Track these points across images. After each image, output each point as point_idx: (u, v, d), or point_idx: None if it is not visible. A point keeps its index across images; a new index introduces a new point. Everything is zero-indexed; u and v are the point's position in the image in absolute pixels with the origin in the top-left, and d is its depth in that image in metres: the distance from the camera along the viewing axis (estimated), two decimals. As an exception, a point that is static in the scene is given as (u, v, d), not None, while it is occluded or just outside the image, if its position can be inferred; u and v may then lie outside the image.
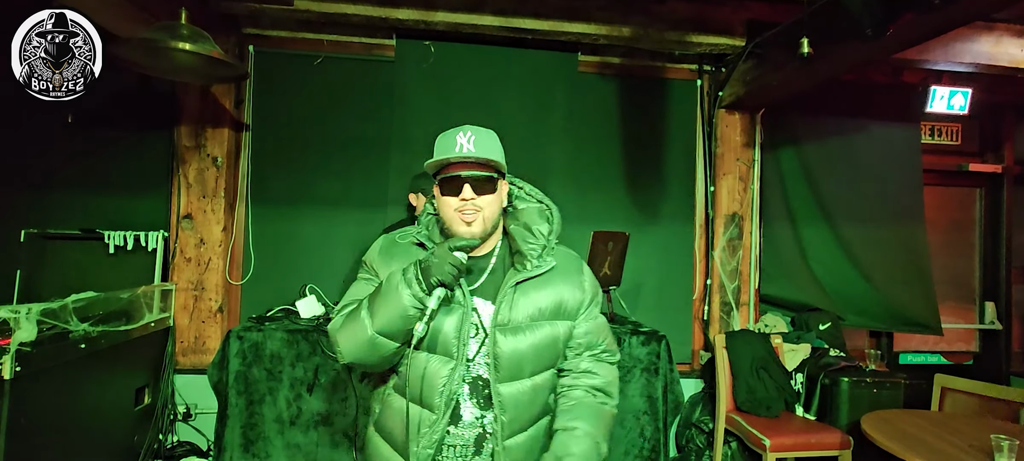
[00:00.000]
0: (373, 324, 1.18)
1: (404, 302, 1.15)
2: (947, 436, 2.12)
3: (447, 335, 1.23)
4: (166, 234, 3.13)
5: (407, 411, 1.24)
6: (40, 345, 2.04)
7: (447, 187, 1.26)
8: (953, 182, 4.21)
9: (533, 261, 1.28)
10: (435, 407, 1.23)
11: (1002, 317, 4.14)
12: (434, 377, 1.23)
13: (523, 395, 1.27)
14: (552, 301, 1.30)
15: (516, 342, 1.25)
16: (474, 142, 1.24)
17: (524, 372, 1.27)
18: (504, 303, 1.26)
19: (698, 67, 3.60)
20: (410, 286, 1.16)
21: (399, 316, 1.16)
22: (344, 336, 1.23)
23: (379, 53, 3.38)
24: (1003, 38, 3.12)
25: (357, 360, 1.23)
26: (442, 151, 1.26)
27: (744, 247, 3.55)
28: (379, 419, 1.34)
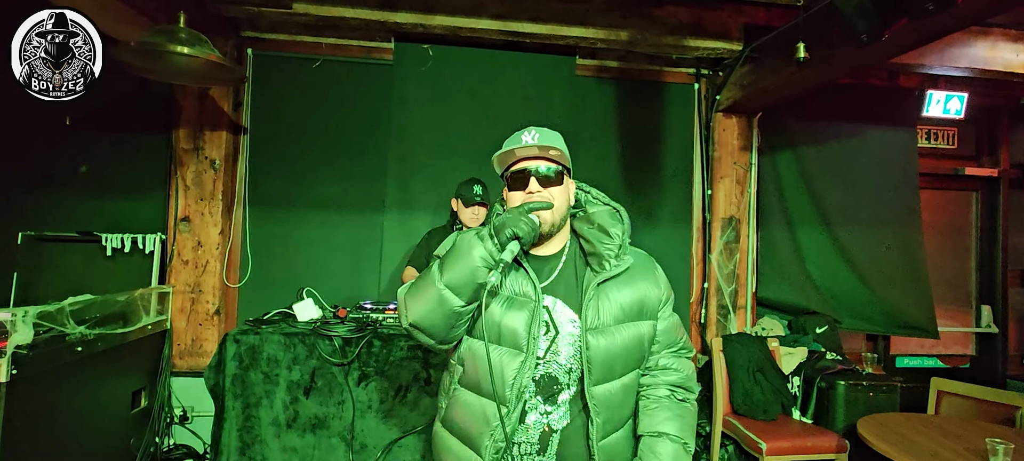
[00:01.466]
0: (442, 278, 1.18)
1: (477, 255, 1.17)
2: (943, 440, 2.13)
3: (516, 329, 1.23)
4: (163, 237, 3.13)
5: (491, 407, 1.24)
6: (36, 348, 2.03)
7: (515, 182, 1.29)
8: (949, 186, 4.22)
9: (611, 261, 1.30)
10: (507, 400, 1.23)
11: (998, 321, 4.15)
12: (504, 369, 1.23)
13: (614, 396, 1.28)
14: (634, 300, 1.31)
15: (608, 343, 1.26)
16: (538, 138, 1.27)
17: (616, 373, 1.28)
18: (590, 305, 1.26)
19: (695, 71, 3.61)
20: (483, 240, 1.18)
21: (469, 269, 1.17)
22: (412, 294, 1.24)
23: (377, 56, 3.38)
24: (999, 43, 3.14)
25: (421, 319, 1.22)
26: (508, 145, 1.29)
27: (741, 250, 3.56)
28: (446, 415, 1.35)
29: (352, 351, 2.45)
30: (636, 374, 1.34)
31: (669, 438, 1.28)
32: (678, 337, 1.40)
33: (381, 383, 2.48)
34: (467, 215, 2.76)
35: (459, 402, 1.30)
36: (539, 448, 1.27)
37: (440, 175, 3.31)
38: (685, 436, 1.30)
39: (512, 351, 1.24)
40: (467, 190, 2.76)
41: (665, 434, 1.28)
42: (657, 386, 1.34)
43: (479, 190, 2.76)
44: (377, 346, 2.48)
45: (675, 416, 1.30)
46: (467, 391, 1.29)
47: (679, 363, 1.38)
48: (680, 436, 1.29)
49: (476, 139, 3.37)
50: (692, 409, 1.36)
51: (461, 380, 1.31)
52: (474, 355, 1.27)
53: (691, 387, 1.38)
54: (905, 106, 3.81)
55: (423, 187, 3.35)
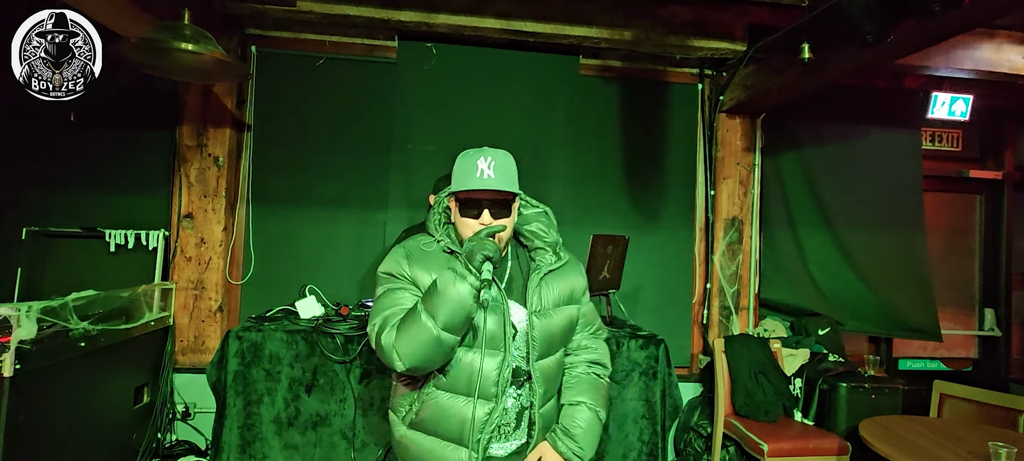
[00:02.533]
0: (437, 323, 1.27)
1: (464, 292, 1.27)
2: (945, 443, 2.12)
3: (494, 332, 1.39)
4: (167, 233, 3.13)
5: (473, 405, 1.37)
6: (40, 343, 2.04)
7: (467, 208, 1.41)
8: (953, 188, 4.21)
9: (550, 256, 1.50)
10: (491, 396, 1.39)
11: (1002, 323, 4.14)
12: (488, 371, 1.38)
13: (551, 369, 1.48)
14: (567, 288, 1.52)
15: (549, 324, 1.45)
16: (494, 169, 1.38)
17: (553, 349, 1.48)
18: (535, 294, 1.45)
19: (699, 71, 3.60)
20: (465, 277, 1.28)
21: (461, 307, 1.28)
22: (405, 343, 1.30)
23: (381, 54, 3.38)
24: (1004, 45, 3.12)
25: (419, 363, 1.31)
26: (463, 174, 1.41)
27: (744, 251, 3.55)
28: (419, 419, 1.43)
29: (354, 349, 2.46)
30: (564, 350, 1.56)
31: (586, 406, 1.51)
32: (595, 320, 1.63)
33: (383, 381, 2.48)
34: None
35: (437, 404, 1.40)
36: (515, 425, 1.46)
37: (443, 173, 3.30)
38: (599, 406, 1.53)
39: (491, 353, 1.39)
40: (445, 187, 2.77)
41: (583, 403, 1.51)
42: (578, 364, 1.57)
43: None
44: (379, 344, 2.48)
45: (591, 388, 1.54)
46: (447, 394, 1.40)
47: (596, 343, 1.61)
48: (595, 405, 1.52)
49: (479, 138, 3.32)
50: (605, 384, 1.59)
51: (437, 385, 1.41)
52: (456, 361, 1.38)
53: (606, 364, 1.61)
54: (909, 108, 3.79)
55: (426, 185, 3.33)
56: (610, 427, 2.62)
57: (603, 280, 2.81)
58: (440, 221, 1.52)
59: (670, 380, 2.71)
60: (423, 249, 1.46)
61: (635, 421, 2.64)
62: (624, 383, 2.64)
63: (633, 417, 2.64)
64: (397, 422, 1.49)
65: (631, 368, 2.65)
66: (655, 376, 2.66)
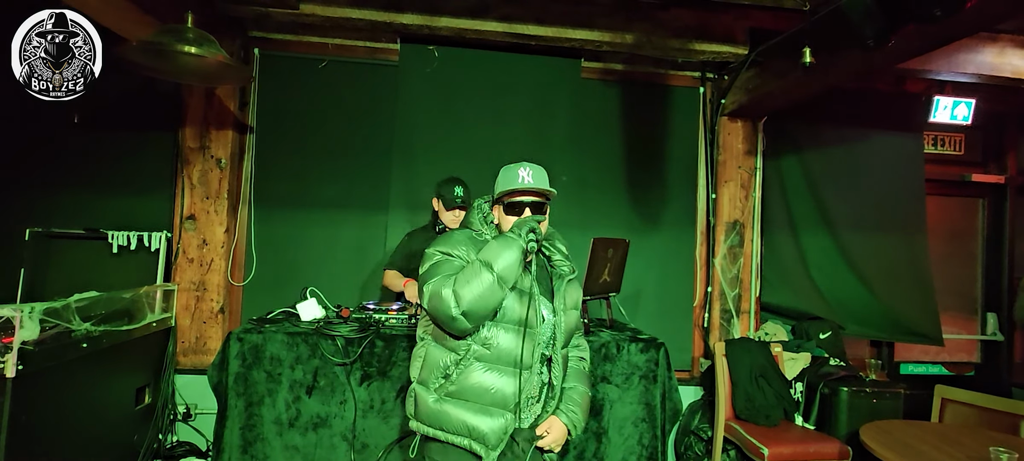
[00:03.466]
0: (495, 269, 1.53)
1: (516, 250, 1.55)
2: (946, 448, 2.12)
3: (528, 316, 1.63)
4: (169, 235, 3.15)
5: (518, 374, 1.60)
6: (43, 344, 2.05)
7: (511, 209, 1.70)
8: (955, 192, 4.20)
9: (566, 266, 1.79)
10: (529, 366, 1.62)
11: (1004, 328, 4.13)
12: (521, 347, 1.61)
13: (564, 357, 1.76)
14: (576, 295, 1.81)
15: (567, 320, 1.74)
16: (532, 176, 1.69)
17: (567, 341, 1.77)
18: (560, 295, 1.74)
19: (701, 74, 3.61)
20: (517, 239, 1.57)
21: (515, 261, 1.54)
22: (463, 287, 1.52)
23: (383, 57, 3.39)
24: (1007, 49, 3.12)
25: (475, 306, 1.52)
26: (507, 181, 1.69)
27: (745, 255, 3.55)
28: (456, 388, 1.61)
29: (355, 351, 2.46)
30: None
31: (578, 388, 1.78)
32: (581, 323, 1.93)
33: (383, 383, 2.48)
34: (448, 217, 2.82)
35: (477, 376, 1.61)
36: (538, 398, 1.70)
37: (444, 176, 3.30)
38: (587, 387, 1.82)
39: (527, 332, 1.63)
40: (448, 192, 2.81)
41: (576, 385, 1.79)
42: (573, 358, 1.85)
43: (460, 192, 2.80)
44: (379, 346, 2.48)
45: (581, 375, 1.83)
46: (489, 365, 1.61)
47: (582, 341, 1.92)
48: (585, 387, 1.81)
49: (480, 141, 3.38)
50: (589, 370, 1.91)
51: (478, 357, 1.61)
52: (498, 338, 1.61)
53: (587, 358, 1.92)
54: (911, 112, 3.79)
55: (427, 188, 3.33)
56: (610, 430, 2.62)
57: (604, 283, 2.81)
58: (483, 219, 1.77)
59: (670, 384, 2.70)
60: (474, 237, 1.71)
61: (635, 424, 2.64)
62: (624, 386, 2.63)
63: (633, 420, 2.64)
64: (427, 394, 1.65)
65: (631, 371, 2.64)
66: (655, 380, 2.65)
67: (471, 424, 1.59)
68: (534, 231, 1.58)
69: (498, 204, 1.73)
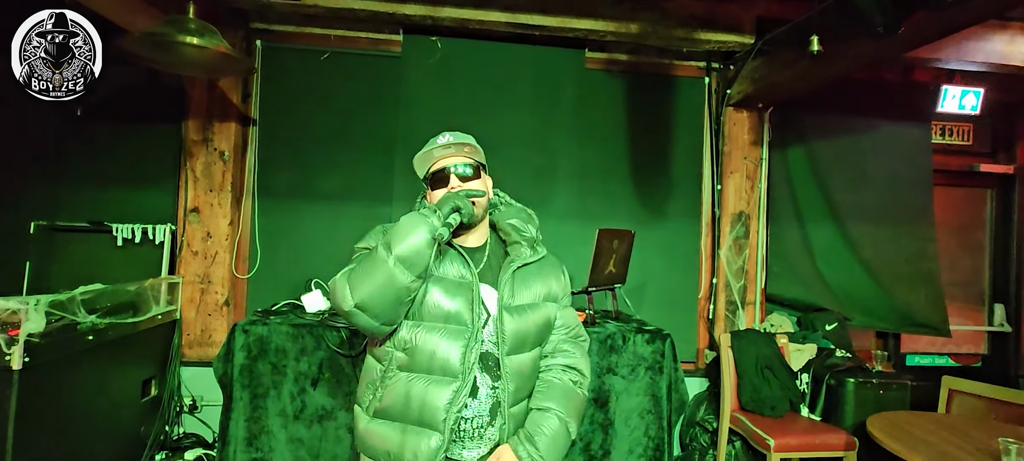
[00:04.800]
0: (391, 254, 1.25)
1: (423, 229, 1.25)
2: (953, 439, 2.11)
3: (459, 311, 1.36)
4: (173, 227, 3.14)
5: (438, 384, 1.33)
6: (48, 336, 2.06)
7: (437, 181, 1.43)
8: (964, 183, 4.16)
9: (526, 251, 1.48)
10: (457, 373, 1.33)
11: (1011, 319, 4.10)
12: (449, 348, 1.33)
13: (524, 367, 1.43)
14: (543, 287, 1.49)
15: (521, 321, 1.41)
16: (452, 137, 1.45)
17: (526, 346, 1.43)
18: (506, 287, 1.42)
19: (706, 64, 3.57)
20: (428, 217, 1.28)
21: (419, 240, 1.25)
22: (358, 276, 1.28)
23: (386, 48, 3.37)
24: (1017, 37, 3.07)
25: (370, 298, 1.26)
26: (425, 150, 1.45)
27: (751, 246, 3.53)
28: (383, 406, 1.37)
29: (360, 342, 2.46)
30: (540, 350, 1.50)
31: (554, 414, 1.40)
32: (575, 324, 1.56)
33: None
34: None
35: (399, 389, 1.34)
36: (489, 420, 1.38)
37: (448, 168, 3.30)
38: (569, 416, 1.42)
39: (457, 330, 1.35)
40: None
41: (552, 409, 1.41)
42: (553, 368, 1.48)
43: None
44: (384, 338, 2.48)
45: (564, 395, 1.43)
46: (411, 375, 1.34)
47: (575, 347, 1.52)
48: (565, 414, 1.41)
49: (484, 132, 3.31)
50: (581, 394, 1.48)
51: (400, 366, 1.36)
52: (418, 340, 1.34)
53: (583, 371, 1.51)
54: (919, 101, 3.75)
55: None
56: (616, 421, 2.62)
57: (609, 275, 2.81)
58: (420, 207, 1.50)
59: (676, 375, 2.70)
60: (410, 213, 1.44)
61: (641, 416, 2.64)
62: (630, 378, 2.63)
63: (639, 412, 2.64)
64: (361, 414, 1.42)
65: (637, 363, 2.64)
66: (661, 371, 2.65)
67: (392, 448, 1.33)
68: (459, 210, 1.30)
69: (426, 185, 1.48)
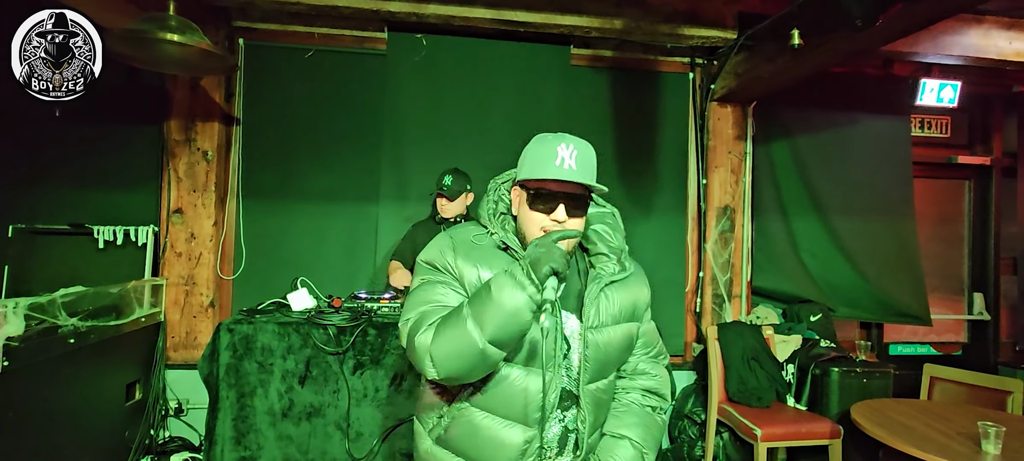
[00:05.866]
0: (484, 334, 1.07)
1: (521, 305, 1.06)
2: (935, 424, 2.15)
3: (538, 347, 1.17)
4: (156, 229, 3.10)
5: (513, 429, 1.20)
6: (28, 340, 2.02)
7: (539, 202, 1.19)
8: (942, 174, 4.24)
9: (613, 264, 1.29)
10: (535, 422, 1.19)
11: (990, 308, 4.18)
12: (526, 389, 1.19)
13: (603, 393, 1.29)
14: (630, 302, 1.31)
15: (606, 342, 1.25)
16: (577, 159, 1.18)
17: (608, 371, 1.29)
18: (593, 305, 1.23)
19: (690, 60, 3.61)
20: (524, 287, 1.06)
21: (516, 322, 1.07)
22: (442, 348, 1.10)
23: (371, 46, 3.36)
24: (991, 31, 3.14)
25: (456, 373, 1.12)
26: (538, 160, 1.20)
27: (736, 239, 3.57)
28: (448, 435, 1.26)
29: (347, 340, 2.45)
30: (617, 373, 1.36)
31: (631, 443, 1.29)
32: (656, 341, 1.42)
33: (376, 371, 2.48)
34: (439, 204, 2.94)
35: (470, 423, 1.22)
36: (558, 451, 1.25)
37: (434, 165, 3.28)
38: (647, 447, 1.30)
39: (536, 371, 1.19)
40: (439, 177, 2.92)
41: (628, 438, 1.29)
42: (631, 390, 1.35)
43: (448, 181, 2.88)
44: (372, 335, 2.47)
45: (641, 424, 1.31)
46: (481, 412, 1.22)
47: (656, 368, 1.39)
48: (642, 444, 1.30)
49: (470, 129, 3.36)
50: (660, 421, 1.36)
51: (473, 402, 1.22)
52: (497, 378, 1.19)
53: (664, 395, 1.38)
54: (899, 95, 3.81)
55: (417, 177, 3.33)
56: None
57: (596, 269, 2.82)
58: (494, 211, 1.30)
59: (664, 367, 2.72)
60: (473, 242, 1.25)
61: (629, 409, 2.65)
62: (618, 371, 2.64)
63: (627, 405, 2.65)
64: (422, 434, 1.32)
65: (625, 356, 2.65)
66: (649, 364, 2.66)
67: None
68: (557, 274, 1.07)
69: (521, 188, 1.24)
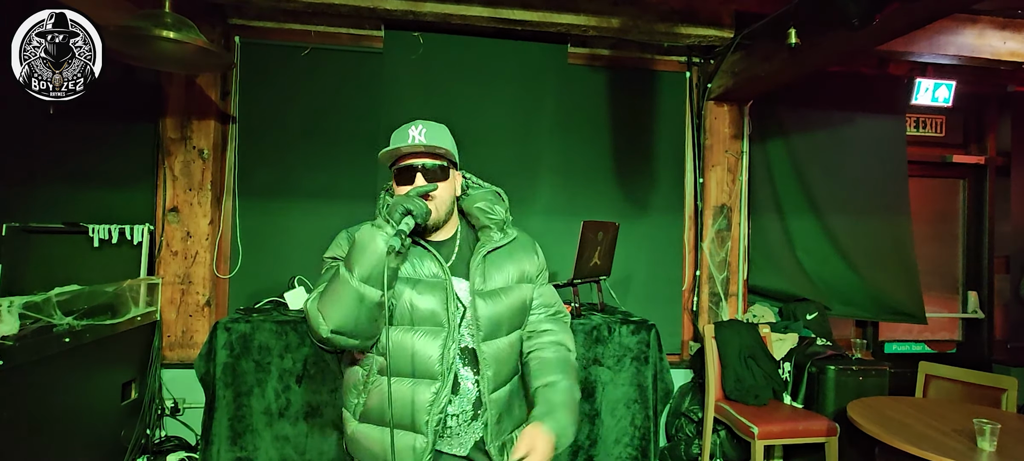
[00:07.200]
0: (354, 276, 1.23)
1: (379, 240, 1.22)
2: (931, 421, 2.16)
3: (434, 309, 1.34)
4: (152, 227, 3.09)
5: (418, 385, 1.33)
6: (23, 339, 2.01)
7: (402, 177, 1.38)
8: (937, 173, 4.27)
9: (496, 234, 1.47)
10: (437, 375, 1.33)
11: (985, 306, 4.21)
12: (427, 349, 1.33)
13: (502, 352, 1.42)
14: (517, 269, 1.49)
15: (494, 306, 1.41)
16: (425, 134, 1.37)
17: (502, 331, 1.43)
18: (477, 273, 1.41)
19: (687, 59, 3.61)
20: (382, 227, 1.25)
21: (378, 257, 1.22)
22: (328, 302, 1.25)
23: (367, 44, 3.35)
24: (986, 30, 3.16)
25: (343, 323, 1.25)
26: (396, 142, 1.39)
27: (733, 238, 3.58)
28: (366, 409, 1.38)
29: (344, 340, 2.44)
30: (519, 334, 1.50)
31: (559, 383, 1.43)
32: (554, 302, 1.58)
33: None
34: None
35: (382, 391, 1.33)
36: (472, 415, 1.38)
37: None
38: (572, 382, 1.46)
39: (433, 330, 1.34)
40: None
41: (558, 381, 1.44)
42: (543, 347, 1.50)
43: None
44: (370, 334, 2.47)
45: (560, 368, 1.47)
46: (393, 378, 1.33)
47: (557, 325, 1.56)
48: (570, 382, 1.45)
49: (467, 128, 3.32)
50: (574, 362, 1.53)
51: (381, 370, 1.35)
52: (396, 343, 1.33)
53: (571, 347, 1.55)
54: (894, 94, 3.83)
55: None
56: (603, 412, 2.64)
57: (594, 267, 2.82)
58: (383, 205, 1.47)
59: (661, 364, 2.73)
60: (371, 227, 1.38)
61: (627, 406, 2.66)
62: (616, 368, 2.65)
63: (625, 402, 2.66)
64: (349, 418, 1.43)
65: (623, 354, 2.66)
66: (646, 361, 2.67)
67: (379, 451, 1.34)
68: (411, 212, 1.26)
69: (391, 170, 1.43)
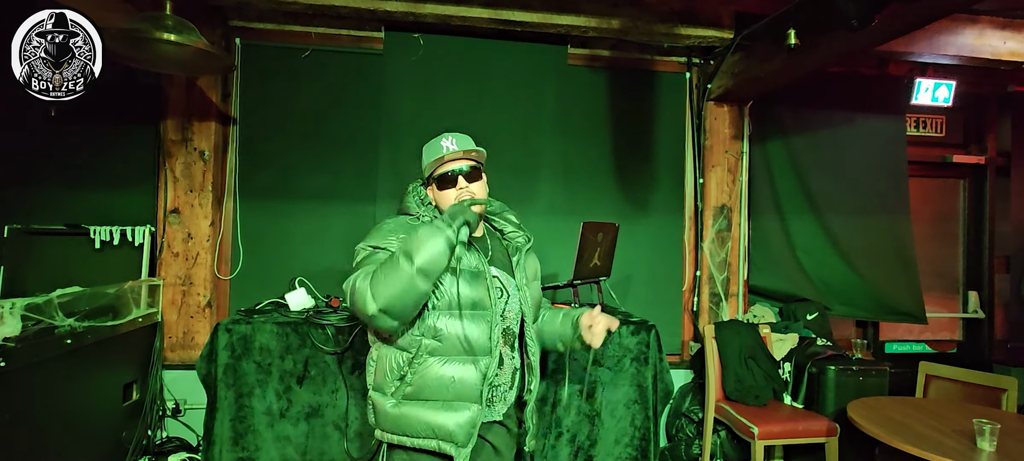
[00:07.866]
0: (414, 263, 1.38)
1: (441, 241, 1.40)
2: (931, 421, 2.16)
3: (480, 297, 1.54)
4: (153, 229, 3.09)
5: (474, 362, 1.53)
6: (25, 340, 2.02)
7: (444, 182, 1.60)
8: (937, 173, 4.27)
9: (519, 238, 1.72)
10: (486, 351, 1.54)
11: (985, 306, 4.21)
12: (476, 331, 1.53)
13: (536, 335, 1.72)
14: (533, 266, 1.78)
15: (530, 293, 1.68)
16: (456, 142, 1.61)
17: (533, 315, 1.72)
18: (519, 269, 1.66)
19: (687, 60, 3.61)
20: (443, 230, 1.41)
21: (439, 252, 1.40)
22: (380, 282, 1.40)
23: (368, 46, 3.35)
24: (986, 31, 3.16)
25: (391, 303, 1.39)
26: (433, 155, 1.62)
27: (733, 239, 3.58)
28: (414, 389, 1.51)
29: (345, 340, 2.45)
30: None
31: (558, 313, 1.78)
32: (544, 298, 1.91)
33: (375, 372, 2.47)
34: None
35: (433, 372, 1.51)
36: (510, 385, 1.62)
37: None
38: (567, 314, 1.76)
39: (479, 314, 1.54)
40: None
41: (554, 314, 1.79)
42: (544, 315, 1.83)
43: None
44: (370, 335, 2.47)
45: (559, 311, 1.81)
46: (440, 360, 1.51)
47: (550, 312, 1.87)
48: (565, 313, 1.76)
49: (467, 129, 3.30)
50: None
51: (432, 352, 1.51)
52: (449, 328, 1.52)
53: None
54: (894, 94, 3.83)
55: (414, 177, 3.30)
56: (603, 413, 2.64)
57: (594, 268, 2.82)
58: (420, 202, 1.66)
59: (661, 365, 2.73)
60: (409, 224, 1.58)
61: (627, 406, 2.66)
62: (616, 369, 2.65)
63: (625, 402, 2.66)
64: (385, 400, 1.54)
65: (623, 354, 2.66)
66: (646, 361, 2.67)
67: (436, 423, 1.49)
68: (469, 224, 1.46)
69: (431, 184, 1.65)
